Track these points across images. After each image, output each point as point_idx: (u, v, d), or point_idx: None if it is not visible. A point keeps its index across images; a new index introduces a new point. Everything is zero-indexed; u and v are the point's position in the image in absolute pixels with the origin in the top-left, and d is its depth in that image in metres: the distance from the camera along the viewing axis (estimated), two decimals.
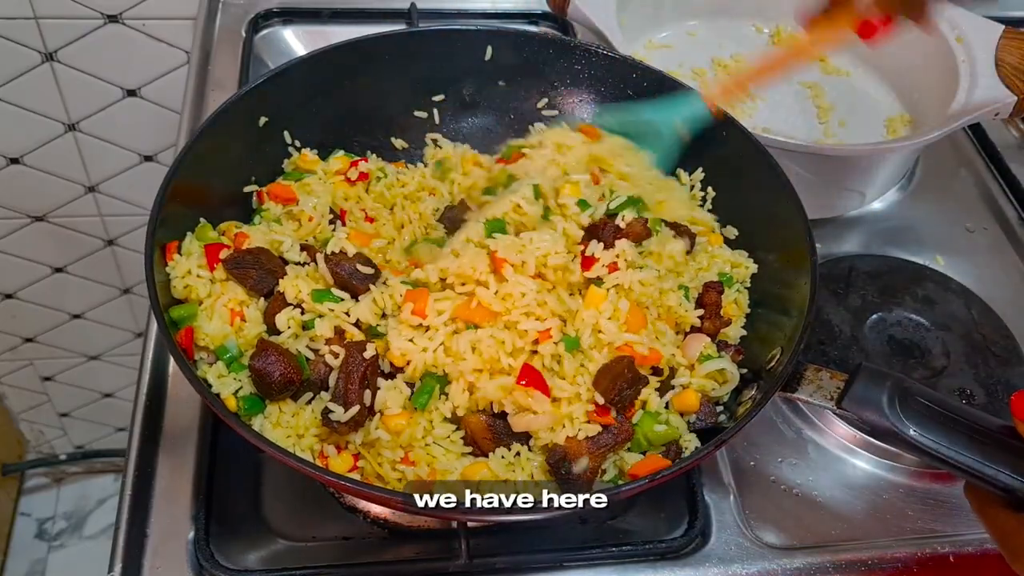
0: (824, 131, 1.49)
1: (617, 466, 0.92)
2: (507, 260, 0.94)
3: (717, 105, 1.09)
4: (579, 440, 0.89)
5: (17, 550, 2.67)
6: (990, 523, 0.78)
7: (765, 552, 1.02)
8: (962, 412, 0.81)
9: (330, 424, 0.87)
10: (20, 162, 1.92)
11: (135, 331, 2.43)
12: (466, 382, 0.90)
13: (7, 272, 2.16)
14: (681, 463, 0.86)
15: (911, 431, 0.80)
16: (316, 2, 1.59)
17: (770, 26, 1.66)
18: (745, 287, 1.08)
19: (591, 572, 0.98)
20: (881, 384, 0.83)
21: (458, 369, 0.90)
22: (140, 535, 0.96)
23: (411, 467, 0.88)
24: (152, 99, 1.83)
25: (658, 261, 1.04)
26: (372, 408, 0.89)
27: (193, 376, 0.84)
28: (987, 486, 0.78)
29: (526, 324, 0.92)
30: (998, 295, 1.33)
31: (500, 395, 0.89)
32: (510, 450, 0.90)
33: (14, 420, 2.65)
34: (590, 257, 0.98)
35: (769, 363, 0.95)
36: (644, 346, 0.93)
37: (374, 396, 0.89)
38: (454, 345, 0.90)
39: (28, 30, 1.67)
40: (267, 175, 1.12)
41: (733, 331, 1.04)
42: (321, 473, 0.80)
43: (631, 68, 1.19)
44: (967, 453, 0.78)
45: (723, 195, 1.16)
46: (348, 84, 1.16)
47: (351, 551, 1.00)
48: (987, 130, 1.61)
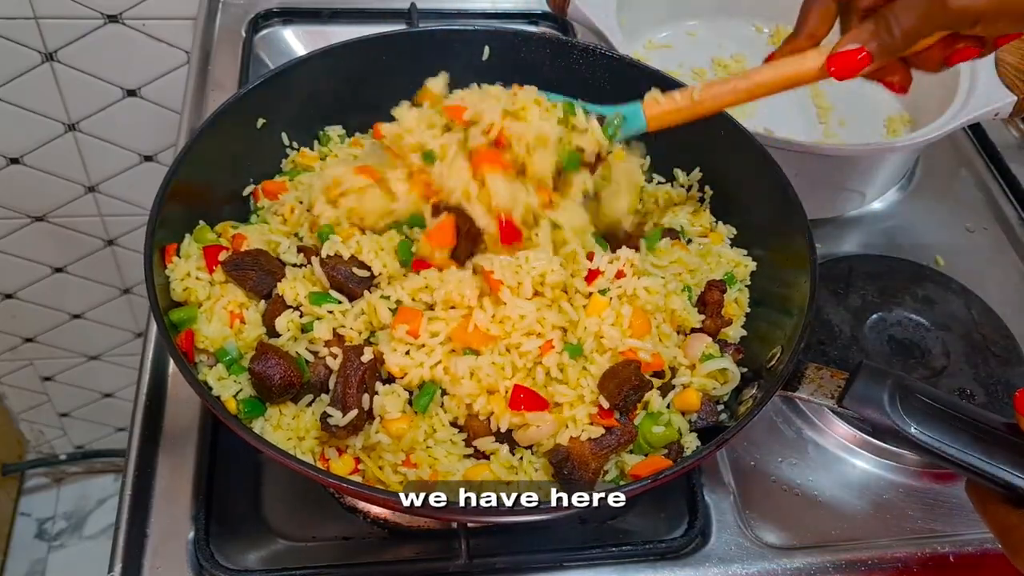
0: (824, 131, 1.49)
1: (618, 467, 0.92)
2: (503, 282, 0.91)
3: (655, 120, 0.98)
4: (582, 441, 0.88)
5: (17, 550, 2.67)
6: (991, 520, 0.78)
7: (765, 552, 1.02)
8: (963, 409, 0.81)
9: (328, 428, 0.87)
10: (20, 162, 1.92)
11: (135, 331, 2.43)
12: (463, 404, 0.90)
13: (7, 272, 2.16)
14: (683, 463, 0.86)
15: (912, 429, 0.80)
16: (316, 2, 1.59)
17: (770, 26, 1.66)
18: (745, 285, 1.08)
19: (591, 572, 0.98)
20: (882, 382, 0.83)
21: (456, 390, 0.89)
22: (140, 535, 0.96)
23: (412, 469, 0.88)
24: (152, 99, 1.83)
25: (660, 255, 1.04)
26: (371, 412, 0.89)
27: (193, 379, 0.84)
28: (989, 483, 0.77)
29: (528, 344, 0.91)
30: (998, 295, 1.32)
31: (498, 417, 0.89)
32: (513, 453, 0.90)
33: (14, 420, 2.65)
34: (595, 270, 0.96)
35: (769, 362, 0.95)
36: (647, 352, 0.92)
37: (372, 400, 0.89)
38: (452, 367, 0.89)
39: (28, 30, 1.67)
40: (268, 175, 1.12)
41: (733, 331, 1.04)
42: (323, 476, 0.80)
43: (629, 68, 1.19)
44: (969, 450, 0.78)
45: (722, 194, 1.16)
46: (348, 84, 1.16)
47: (351, 551, 1.00)
48: (987, 130, 1.61)
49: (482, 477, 0.88)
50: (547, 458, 0.89)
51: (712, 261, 1.09)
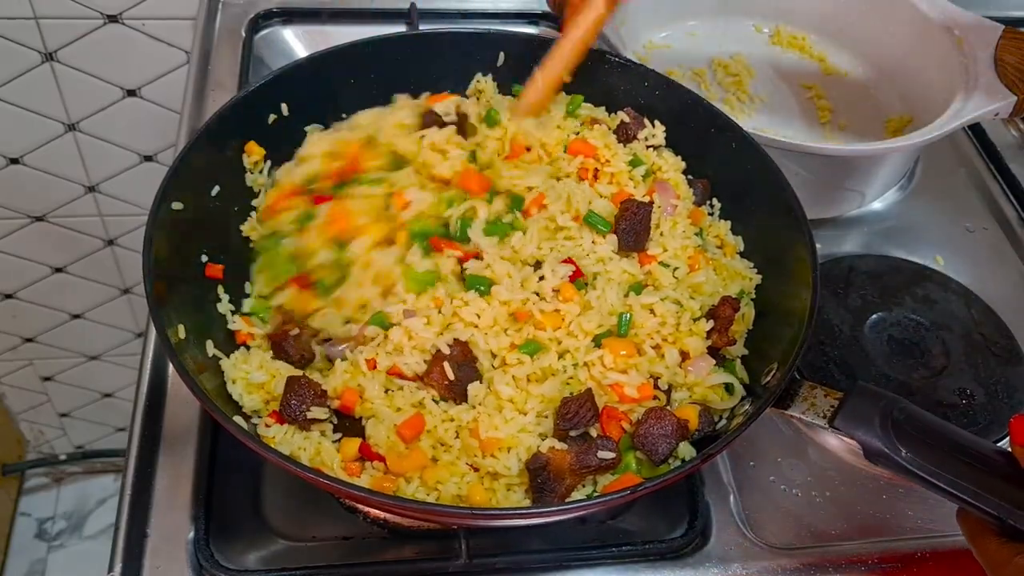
0: (824, 131, 1.49)
1: (592, 483, 0.92)
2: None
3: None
4: (563, 453, 0.88)
5: (17, 550, 2.67)
6: (982, 553, 0.77)
7: (765, 552, 1.02)
8: (957, 436, 0.80)
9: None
10: (20, 162, 1.92)
11: (135, 331, 2.43)
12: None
13: (7, 272, 2.16)
14: (667, 475, 0.83)
15: (903, 453, 0.78)
16: (316, 2, 1.59)
17: (770, 26, 1.66)
18: (751, 299, 1.07)
19: (591, 572, 0.98)
20: (875, 404, 0.81)
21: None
22: (140, 535, 0.96)
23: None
24: (152, 99, 1.83)
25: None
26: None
27: (193, 382, 0.84)
28: (979, 513, 0.76)
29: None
30: (998, 295, 1.32)
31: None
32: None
33: (14, 420, 2.65)
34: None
35: (765, 378, 0.95)
36: (632, 387, 0.94)
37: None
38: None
39: (28, 30, 1.67)
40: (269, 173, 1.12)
41: (736, 349, 1.03)
42: (331, 483, 0.79)
43: (628, 69, 1.19)
44: (960, 479, 0.76)
45: (727, 204, 1.16)
46: (347, 85, 1.16)
47: (351, 551, 1.00)
48: (987, 130, 1.61)
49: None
50: (525, 464, 0.88)
51: (724, 275, 1.08)
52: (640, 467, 0.90)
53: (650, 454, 0.89)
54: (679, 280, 1.05)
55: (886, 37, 1.56)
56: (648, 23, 1.59)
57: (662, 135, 1.17)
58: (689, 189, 1.14)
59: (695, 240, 1.09)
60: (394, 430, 0.90)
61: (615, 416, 0.93)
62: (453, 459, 0.90)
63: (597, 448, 0.88)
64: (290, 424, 0.91)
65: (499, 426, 0.90)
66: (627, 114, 1.17)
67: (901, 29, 1.52)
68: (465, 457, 0.90)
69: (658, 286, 1.04)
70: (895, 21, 1.53)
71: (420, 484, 0.88)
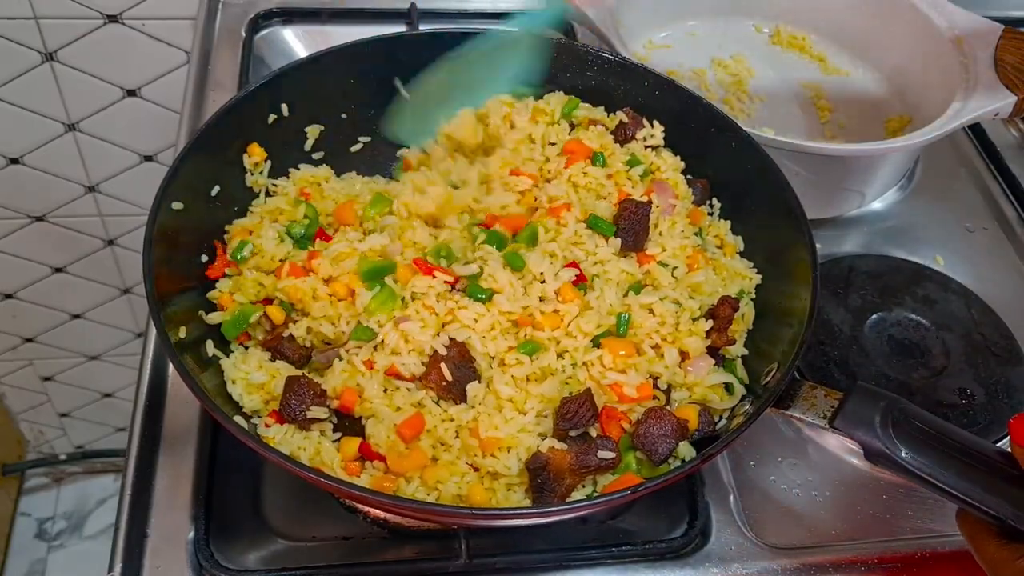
0: (824, 131, 1.49)
1: (592, 483, 0.92)
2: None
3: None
4: (563, 453, 0.88)
5: (17, 550, 2.67)
6: (982, 553, 0.77)
7: (765, 552, 1.02)
8: (958, 436, 0.79)
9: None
10: (20, 162, 1.92)
11: (135, 331, 2.43)
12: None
13: (7, 272, 2.16)
14: (667, 475, 0.83)
15: (903, 454, 0.78)
16: (316, 2, 1.59)
17: (770, 26, 1.66)
18: (751, 299, 1.07)
19: (591, 572, 0.98)
20: (875, 405, 0.81)
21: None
22: (140, 535, 0.96)
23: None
24: (152, 99, 1.83)
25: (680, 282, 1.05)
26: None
27: (193, 382, 0.83)
28: (979, 514, 0.76)
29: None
30: (998, 295, 1.32)
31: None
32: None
33: (14, 420, 2.65)
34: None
35: (764, 378, 0.95)
36: (632, 387, 0.93)
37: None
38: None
39: (28, 30, 1.67)
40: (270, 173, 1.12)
41: (735, 349, 1.02)
42: (332, 483, 0.79)
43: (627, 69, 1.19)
44: (960, 480, 0.76)
45: (726, 203, 1.16)
46: (347, 85, 1.17)
47: (351, 551, 1.00)
48: (987, 130, 1.61)
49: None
50: (525, 464, 0.88)
51: (723, 274, 1.08)
52: (640, 467, 0.90)
53: (650, 454, 0.89)
54: (678, 280, 1.05)
55: (886, 37, 1.56)
56: (648, 23, 1.59)
57: (661, 135, 1.16)
58: (688, 189, 1.14)
59: (694, 240, 1.09)
60: (394, 429, 0.90)
61: (615, 416, 0.93)
62: (453, 459, 0.90)
63: (597, 448, 0.88)
64: (290, 424, 0.91)
65: (499, 426, 0.90)
66: (626, 114, 1.17)
67: (901, 29, 1.52)
68: (465, 457, 0.90)
69: (657, 286, 1.04)
70: (895, 21, 1.53)
71: (420, 484, 0.88)
